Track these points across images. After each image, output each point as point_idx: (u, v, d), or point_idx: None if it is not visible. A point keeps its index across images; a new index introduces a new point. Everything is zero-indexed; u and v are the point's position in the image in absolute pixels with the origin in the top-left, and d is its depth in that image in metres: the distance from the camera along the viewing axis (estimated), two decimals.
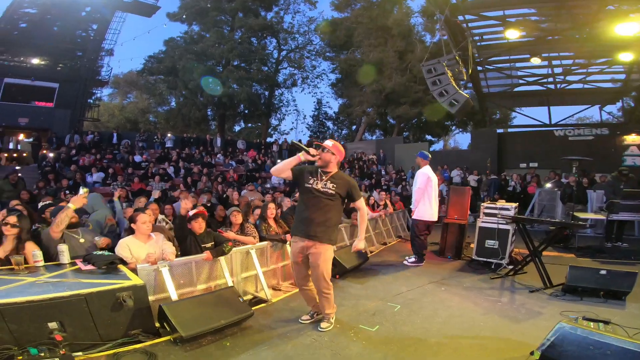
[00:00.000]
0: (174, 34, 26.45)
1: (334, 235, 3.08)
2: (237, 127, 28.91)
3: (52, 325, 2.29)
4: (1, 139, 14.20)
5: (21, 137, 18.08)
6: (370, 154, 18.73)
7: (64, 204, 4.66)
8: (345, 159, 18.05)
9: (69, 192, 8.24)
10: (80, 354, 2.34)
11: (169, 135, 17.61)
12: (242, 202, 7.58)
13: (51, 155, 13.22)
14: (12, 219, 3.13)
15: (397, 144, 19.32)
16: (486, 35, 13.67)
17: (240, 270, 3.98)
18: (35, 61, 17.23)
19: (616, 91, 15.57)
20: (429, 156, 5.56)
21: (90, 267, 3.07)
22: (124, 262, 3.26)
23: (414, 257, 5.48)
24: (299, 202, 3.17)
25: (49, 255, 3.28)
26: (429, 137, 26.75)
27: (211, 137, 18.82)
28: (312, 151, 2.98)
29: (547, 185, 10.24)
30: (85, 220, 5.40)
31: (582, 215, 6.73)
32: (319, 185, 2.98)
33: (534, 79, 16.35)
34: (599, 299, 3.80)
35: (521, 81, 16.82)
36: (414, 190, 5.49)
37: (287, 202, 6.68)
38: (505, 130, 19.18)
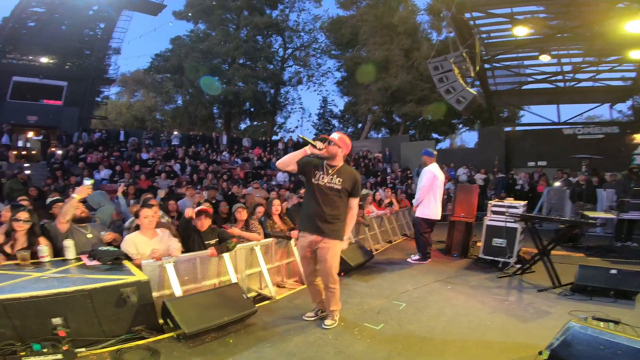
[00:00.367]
0: (180, 32, 26.62)
1: (342, 231, 3.03)
2: (242, 125, 28.97)
3: (56, 321, 2.30)
4: (10, 136, 14.36)
5: (30, 134, 18.32)
6: (375, 152, 18.65)
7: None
8: (350, 155, 18.02)
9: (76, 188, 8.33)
10: (83, 350, 2.34)
11: (176, 133, 17.70)
12: (249, 199, 7.60)
13: (59, 152, 13.36)
14: (24, 215, 3.15)
15: (403, 142, 19.20)
16: (494, 32, 13.48)
17: (244, 267, 3.98)
18: (43, 60, 17.44)
19: (626, 89, 15.27)
20: (435, 153, 5.50)
21: (95, 262, 3.08)
22: (129, 258, 3.26)
23: (418, 255, 5.43)
24: (306, 197, 3.13)
25: (57, 249, 3.31)
26: (435, 135, 26.54)
27: (217, 135, 18.91)
28: (319, 144, 2.93)
29: (556, 184, 10.08)
30: (92, 216, 5.46)
31: (591, 214, 6.61)
32: (325, 180, 2.95)
33: (542, 77, 16.13)
34: (609, 298, 3.72)
35: (530, 79, 16.60)
36: (418, 187, 5.42)
37: (294, 199, 6.65)
38: (512, 128, 18.94)
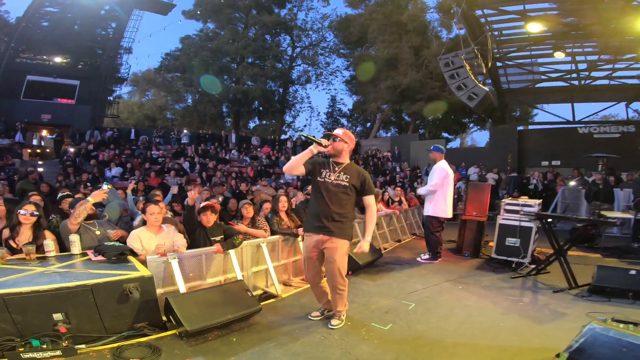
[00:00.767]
0: (190, 31, 26.84)
1: (350, 230, 2.94)
2: (251, 124, 29.05)
3: (57, 316, 2.26)
4: (24, 134, 14.61)
5: (44, 133, 18.66)
6: (385, 151, 18.49)
7: (80, 195, 4.73)
8: (358, 154, 17.90)
9: (89, 184, 8.41)
10: (83, 346, 2.30)
11: (185, 131, 17.84)
12: (257, 195, 7.57)
13: (72, 150, 13.55)
14: (30, 207, 3.15)
15: (412, 141, 19.01)
16: (506, 30, 13.22)
17: (250, 264, 3.92)
18: (57, 59, 17.71)
19: None
20: (444, 150, 5.38)
21: (100, 257, 3.06)
22: (134, 254, 3.23)
23: (428, 255, 5.30)
24: (312, 196, 3.04)
25: (66, 246, 3.30)
26: (445, 134, 26.21)
27: (226, 134, 19.01)
28: (324, 142, 2.84)
29: (571, 183, 9.81)
30: (100, 212, 5.48)
31: (609, 214, 6.39)
32: (332, 177, 2.87)
33: (557, 75, 15.75)
34: (627, 300, 3.57)
35: (543, 77, 16.23)
36: (428, 184, 5.28)
37: (300, 196, 6.59)
38: (525, 127, 18.55)
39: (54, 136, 15.82)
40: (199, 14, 21.45)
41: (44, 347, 2.07)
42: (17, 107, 15.94)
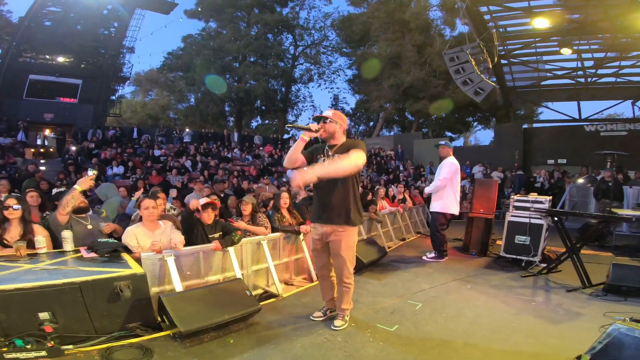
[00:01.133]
0: (192, 30, 26.83)
1: (354, 215, 2.72)
2: (254, 124, 28.96)
3: (43, 315, 2.13)
4: (26, 133, 14.58)
5: (47, 132, 18.66)
6: (388, 150, 18.33)
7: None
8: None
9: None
10: (70, 347, 2.17)
11: (187, 130, 17.80)
12: (258, 191, 7.45)
13: (73, 148, 13.52)
14: (12, 201, 3.03)
15: (416, 140, 18.86)
16: (511, 27, 13.00)
17: (250, 262, 3.78)
18: (59, 58, 17.70)
19: None
20: (452, 145, 5.24)
21: (93, 254, 2.94)
22: (128, 251, 3.10)
23: (434, 253, 5.14)
24: (313, 185, 2.87)
25: (57, 241, 3.18)
26: (449, 133, 26.00)
27: (228, 133, 18.94)
28: (313, 126, 2.67)
29: (579, 180, 9.60)
30: (98, 209, 5.37)
31: (620, 211, 6.20)
32: (326, 162, 2.70)
33: (562, 73, 15.52)
34: None
35: (549, 75, 15.99)
36: (436, 179, 5.10)
37: (303, 193, 6.45)
38: (530, 125, 18.31)
39: (56, 135, 15.80)
40: (200, 10, 21.38)
41: (28, 347, 1.95)
42: (19, 106, 15.96)
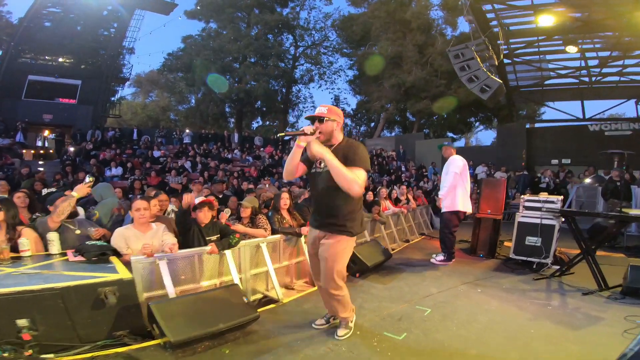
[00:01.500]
0: (192, 31, 26.79)
1: (351, 223, 2.44)
2: (254, 125, 28.82)
3: (22, 322, 1.95)
4: (25, 134, 14.44)
5: (46, 133, 18.54)
6: (389, 151, 18.15)
7: (68, 193, 4.42)
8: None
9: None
10: (51, 356, 1.99)
11: (187, 131, 17.65)
12: (260, 193, 7.27)
13: (72, 149, 13.38)
14: None
15: (417, 140, 18.70)
16: (514, 25, 12.83)
17: (249, 266, 3.59)
18: (59, 59, 17.59)
19: None
20: (454, 146, 5.05)
21: (79, 258, 2.76)
22: (117, 254, 2.92)
23: (442, 255, 4.93)
24: (310, 189, 2.81)
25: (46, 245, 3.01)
26: (450, 134, 25.81)
27: (229, 134, 18.79)
28: (308, 129, 2.34)
29: (586, 180, 9.39)
30: (92, 210, 5.18)
31: (631, 211, 6.00)
32: (322, 165, 2.45)
33: (566, 72, 15.34)
34: None
35: (552, 74, 15.81)
36: (445, 177, 4.87)
37: (306, 194, 6.26)
38: (531, 125, 18.11)
39: (55, 136, 15.67)
40: (200, 11, 21.26)
41: (5, 355, 1.77)
42: (18, 107, 15.82)
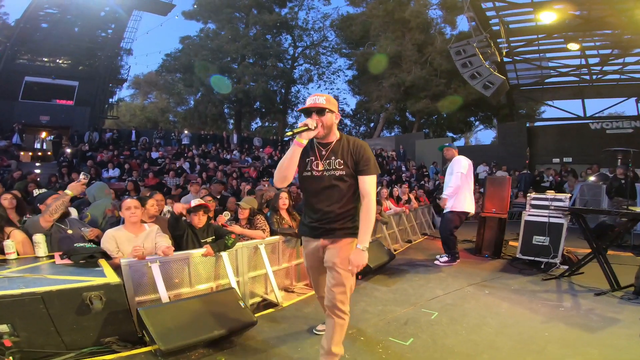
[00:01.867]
0: (190, 32, 26.68)
1: (355, 222, 2.12)
2: (254, 126, 28.69)
3: (2, 328, 1.82)
4: (21, 136, 14.28)
5: (44, 135, 18.39)
6: (389, 151, 18.01)
7: (60, 192, 4.26)
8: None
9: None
10: None
11: (186, 132, 17.53)
12: (261, 194, 7.12)
13: (68, 151, 13.25)
14: None
15: (418, 140, 18.56)
16: (514, 24, 12.74)
17: (247, 268, 3.44)
18: (56, 60, 17.45)
19: None
20: (456, 146, 4.91)
21: (67, 261, 2.61)
22: (107, 256, 2.78)
23: (446, 256, 4.79)
24: (303, 194, 2.28)
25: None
26: (450, 134, 25.69)
27: (227, 134, 18.68)
28: (310, 122, 1.97)
29: (591, 178, 9.25)
30: (85, 211, 5.03)
31: (636, 209, 5.87)
32: (320, 167, 2.07)
33: (566, 70, 15.24)
34: None
35: (552, 72, 15.72)
36: (449, 177, 4.71)
37: None
38: (531, 124, 18.01)
39: (52, 138, 15.53)
40: (198, 11, 21.13)
41: None
42: (15, 109, 15.68)
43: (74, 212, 4.29)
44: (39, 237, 2.76)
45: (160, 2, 17.73)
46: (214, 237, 3.32)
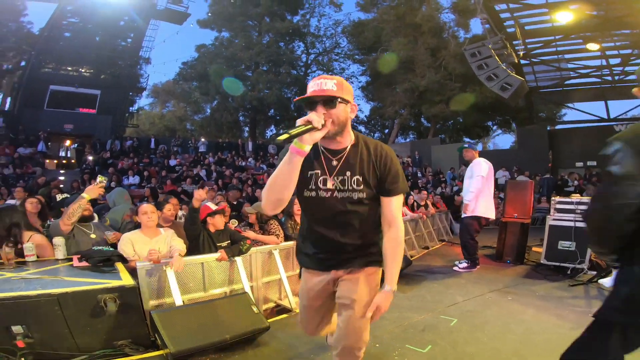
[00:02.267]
0: (206, 40, 27.24)
1: (379, 247, 1.57)
2: (268, 133, 28.97)
3: (17, 329, 1.83)
4: (47, 144, 14.81)
5: (68, 143, 19.06)
6: (404, 157, 17.80)
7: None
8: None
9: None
10: None
11: (202, 140, 17.87)
12: None
13: (90, 158, 13.69)
14: None
15: (434, 145, 18.29)
16: (529, 25, 12.44)
17: (261, 273, 3.41)
18: (79, 69, 18.07)
19: None
20: (477, 147, 4.77)
21: (84, 263, 2.64)
22: (124, 260, 2.80)
23: (465, 262, 4.63)
24: (304, 217, 1.68)
25: None
26: (467, 139, 25.27)
27: (243, 142, 18.95)
28: (314, 118, 1.33)
29: None
30: (105, 216, 5.14)
31: None
32: (328, 185, 1.48)
33: (587, 71, 14.78)
34: None
35: (572, 74, 15.26)
36: (468, 182, 4.56)
37: None
38: (552, 127, 17.48)
39: (76, 146, 16.05)
40: (211, 18, 21.56)
41: None
42: (41, 117, 16.23)
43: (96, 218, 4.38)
44: (59, 240, 2.82)
45: (175, 11, 18.27)
46: (229, 240, 3.32)
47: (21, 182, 10.24)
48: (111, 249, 2.87)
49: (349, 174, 1.47)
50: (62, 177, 12.75)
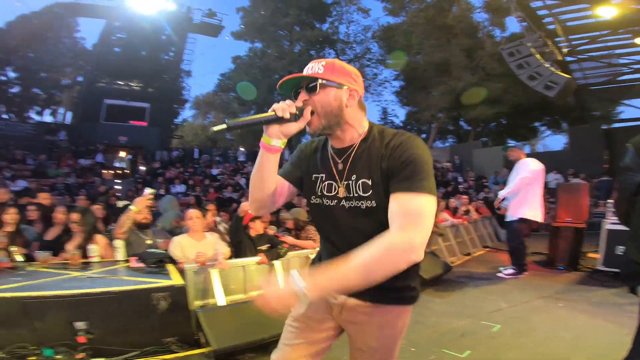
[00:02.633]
0: (241, 52, 28.26)
1: (411, 280, 1.20)
2: (303, 140, 29.41)
3: (79, 325, 2.04)
4: (104, 155, 16.11)
5: (122, 154, 20.63)
6: (444, 162, 17.26)
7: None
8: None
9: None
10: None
11: (241, 149, 18.54)
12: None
13: (142, 168, 14.75)
14: (75, 216, 3.17)
15: (475, 149, 17.53)
16: (572, 21, 11.57)
17: None
18: (129, 83, 19.45)
19: None
20: (523, 148, 4.57)
21: (141, 264, 2.89)
22: (174, 262, 3.02)
23: (511, 269, 4.41)
24: (319, 229, 1.36)
25: None
26: (511, 142, 23.97)
27: None
28: (279, 106, 1.11)
29: None
30: (157, 222, 5.53)
31: None
32: (333, 192, 1.19)
33: None
34: None
35: (625, 69, 13.98)
36: (512, 182, 4.32)
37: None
38: (608, 125, 16.09)
39: (130, 157, 17.33)
40: (244, 29, 22.28)
41: (58, 357, 1.84)
42: (98, 130, 17.47)
43: None
44: (118, 243, 3.11)
45: (210, 25, 19.25)
46: (268, 244, 3.47)
47: (82, 190, 11.22)
48: (162, 251, 3.11)
49: (354, 177, 1.14)
50: (118, 187, 13.80)
